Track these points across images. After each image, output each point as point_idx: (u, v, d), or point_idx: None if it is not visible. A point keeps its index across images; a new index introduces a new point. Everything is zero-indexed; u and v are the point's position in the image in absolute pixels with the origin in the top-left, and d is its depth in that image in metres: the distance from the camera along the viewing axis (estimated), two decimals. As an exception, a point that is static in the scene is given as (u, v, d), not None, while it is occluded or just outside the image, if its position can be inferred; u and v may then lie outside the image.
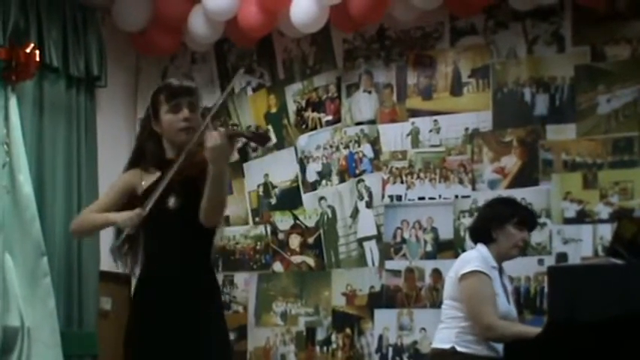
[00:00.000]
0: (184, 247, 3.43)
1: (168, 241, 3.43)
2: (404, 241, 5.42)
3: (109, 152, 5.98)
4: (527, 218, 4.16)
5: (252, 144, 3.40)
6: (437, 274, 5.26)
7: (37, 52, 5.16)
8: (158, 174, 3.41)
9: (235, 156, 5.66)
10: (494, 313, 3.85)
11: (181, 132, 3.38)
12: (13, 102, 5.17)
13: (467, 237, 5.11)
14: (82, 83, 5.74)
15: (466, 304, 3.89)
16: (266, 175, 5.89)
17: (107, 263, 5.80)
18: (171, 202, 3.38)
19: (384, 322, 5.40)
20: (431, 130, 5.43)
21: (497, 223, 4.06)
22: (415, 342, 5.29)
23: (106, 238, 5.71)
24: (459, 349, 3.87)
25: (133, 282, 6.00)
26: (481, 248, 4.06)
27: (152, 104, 3.46)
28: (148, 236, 3.48)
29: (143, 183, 3.45)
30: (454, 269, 4.03)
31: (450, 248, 5.27)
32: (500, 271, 4.08)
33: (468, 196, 5.27)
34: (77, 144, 5.67)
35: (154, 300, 3.44)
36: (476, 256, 3.99)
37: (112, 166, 6.00)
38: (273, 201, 5.86)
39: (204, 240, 3.50)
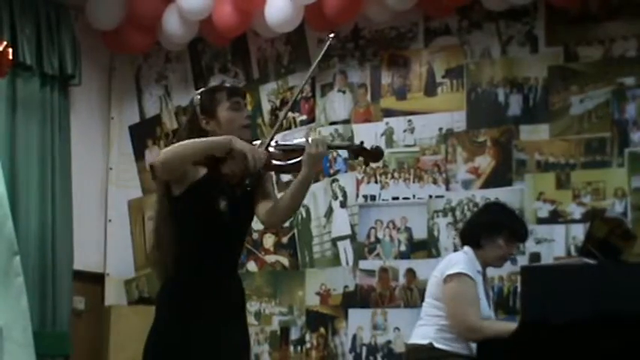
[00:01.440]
0: (234, 251, 3.45)
1: (218, 244, 3.36)
2: (378, 240, 5.43)
3: (83, 151, 5.96)
4: (518, 232, 4.14)
5: (360, 158, 3.37)
6: (411, 274, 5.28)
7: (10, 50, 5.11)
8: (204, 171, 3.33)
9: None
10: (477, 315, 3.86)
11: (244, 129, 3.39)
12: (-15, 100, 5.15)
13: (440, 237, 5.15)
14: (55, 81, 5.71)
15: (449, 305, 3.89)
16: (240, 175, 5.87)
17: (81, 262, 5.80)
18: (222, 205, 3.35)
19: (358, 321, 5.41)
20: (405, 130, 5.44)
21: (488, 232, 4.04)
22: (389, 342, 5.30)
23: (80, 236, 5.74)
24: (436, 345, 3.88)
25: (107, 281, 6.05)
26: (468, 251, 4.05)
27: (206, 103, 3.41)
28: (197, 236, 3.35)
29: (197, 175, 3.33)
30: (439, 269, 4.03)
31: (423, 248, 5.29)
32: (484, 276, 4.10)
33: (441, 196, 5.29)
34: (51, 142, 5.64)
35: (218, 309, 3.35)
36: (463, 259, 3.99)
37: (86, 165, 6.02)
38: (248, 200, 5.85)
39: (243, 246, 3.57)
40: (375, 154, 3.42)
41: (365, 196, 5.49)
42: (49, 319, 5.47)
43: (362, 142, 3.41)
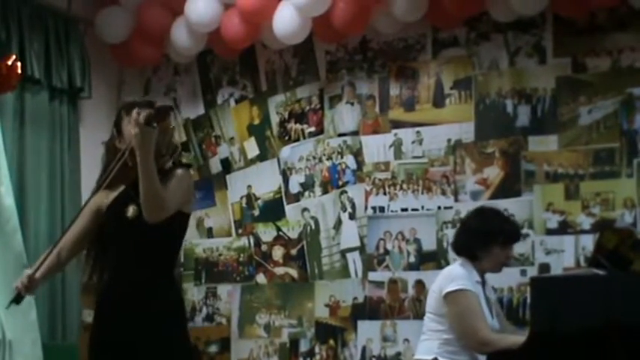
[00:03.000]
0: (143, 256, 3.44)
1: (127, 251, 3.46)
2: (387, 252, 5.42)
3: (92, 164, 5.93)
4: (512, 236, 4.12)
5: (156, 121, 3.34)
6: (420, 286, 5.27)
7: (19, 63, 5.13)
8: (122, 187, 3.47)
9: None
10: (486, 328, 3.85)
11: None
12: (-6, 113, 5.17)
13: (450, 248, 5.13)
14: (64, 95, 5.72)
15: (457, 323, 3.87)
16: (249, 187, 5.89)
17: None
18: (130, 211, 3.42)
19: (368, 333, 5.40)
20: (413, 142, 5.44)
21: (482, 243, 4.02)
22: (399, 353, 5.29)
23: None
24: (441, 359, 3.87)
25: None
26: (465, 263, 4.03)
27: (115, 122, 3.57)
28: (108, 247, 3.52)
29: (105, 201, 3.53)
30: (438, 285, 4.00)
31: (433, 259, 5.28)
32: (484, 284, 4.08)
33: (450, 207, 5.28)
34: (60, 156, 5.65)
35: (112, 313, 3.47)
36: (460, 274, 3.96)
37: (96, 179, 6.00)
38: (256, 212, 5.86)
39: (165, 249, 3.51)
40: (161, 111, 3.40)
41: (374, 208, 5.49)
42: (59, 331, 5.48)
43: (151, 104, 3.44)
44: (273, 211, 5.78)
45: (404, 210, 5.42)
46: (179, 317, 3.53)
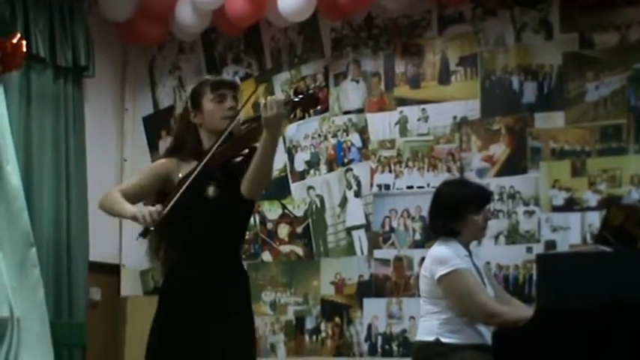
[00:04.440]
0: (221, 236, 3.48)
1: (206, 231, 3.46)
2: (392, 230, 5.42)
3: (97, 142, 5.98)
4: (482, 199, 4.04)
5: (300, 108, 3.43)
6: (426, 263, 5.26)
7: (24, 42, 5.13)
8: (195, 164, 3.42)
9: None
10: (491, 300, 3.84)
11: (224, 120, 3.48)
12: (0, 92, 5.15)
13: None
14: (69, 73, 5.72)
15: (459, 304, 3.84)
16: (254, 165, 5.88)
17: (96, 254, 5.82)
18: (211, 190, 3.41)
19: (373, 310, 5.41)
20: (419, 119, 5.43)
21: (455, 217, 3.96)
22: (404, 330, 5.30)
23: (95, 228, 5.75)
24: (443, 340, 3.85)
25: (123, 272, 6.07)
26: (447, 241, 3.97)
27: (193, 96, 3.58)
28: (184, 226, 3.47)
29: (180, 174, 3.47)
30: (427, 269, 3.95)
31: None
32: (470, 253, 4.03)
33: (456, 185, 5.27)
34: (65, 134, 5.66)
35: (185, 292, 3.45)
36: (447, 254, 3.89)
37: (101, 157, 6.03)
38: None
39: (239, 232, 3.60)
40: (310, 99, 3.45)
41: (379, 186, 5.48)
42: (65, 310, 5.50)
43: (296, 92, 3.47)
44: (278, 189, 5.77)
45: (409, 187, 5.42)
46: (248, 300, 3.56)
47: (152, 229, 3.35)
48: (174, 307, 3.47)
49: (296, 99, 3.40)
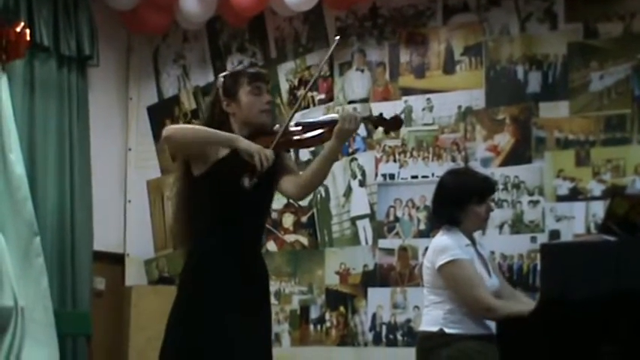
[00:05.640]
0: (256, 229, 3.53)
1: (241, 222, 3.42)
2: (397, 219, 5.42)
3: (102, 132, 5.98)
4: (486, 189, 4.03)
5: (381, 128, 3.52)
6: (430, 253, 5.26)
7: (28, 31, 5.13)
8: (227, 151, 3.39)
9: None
10: (488, 294, 3.83)
11: (263, 113, 3.49)
12: (3, 81, 5.15)
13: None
14: (73, 62, 5.72)
15: (457, 294, 3.83)
16: (259, 154, 5.87)
17: (101, 243, 5.83)
18: (247, 181, 3.37)
19: (378, 300, 5.41)
20: (424, 109, 5.42)
21: (458, 206, 3.94)
22: (409, 320, 5.30)
23: (100, 217, 5.76)
24: (447, 330, 3.84)
25: (127, 261, 6.08)
26: (449, 230, 3.96)
27: (229, 86, 3.51)
28: (217, 213, 3.41)
29: (219, 154, 3.40)
30: (429, 258, 3.94)
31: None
32: (473, 242, 4.03)
33: (461, 174, 5.26)
34: (69, 123, 5.66)
35: (233, 278, 3.38)
36: (448, 243, 3.88)
37: (105, 145, 6.03)
38: (266, 180, 5.85)
39: (265, 223, 3.68)
40: (395, 122, 3.55)
41: (384, 175, 5.48)
42: (69, 299, 5.51)
43: (381, 113, 3.58)
44: (283, 178, 5.77)
45: (414, 177, 5.41)
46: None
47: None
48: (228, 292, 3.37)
49: (380, 118, 3.54)
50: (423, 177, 5.39)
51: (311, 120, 3.55)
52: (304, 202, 5.70)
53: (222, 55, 6.06)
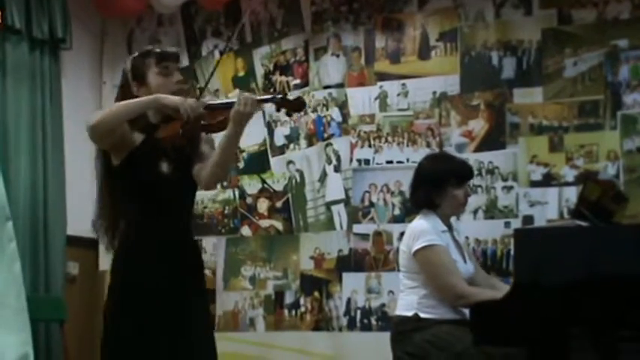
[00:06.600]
0: (181, 212, 3.44)
1: (166, 207, 3.37)
2: (372, 204, 5.43)
3: (75, 116, 5.92)
4: (463, 173, 4.04)
5: (283, 110, 3.35)
6: (404, 238, 5.28)
7: (-1, 13, 5.09)
8: (142, 137, 3.35)
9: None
10: (461, 281, 3.84)
11: (175, 95, 3.34)
12: (-25, 65, 5.12)
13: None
14: (45, 45, 5.66)
15: (431, 280, 3.85)
16: (234, 139, 5.85)
17: (74, 228, 5.79)
18: (165, 167, 3.35)
19: (353, 285, 5.42)
20: (399, 94, 5.43)
21: (436, 190, 3.96)
22: (383, 305, 5.31)
23: (73, 202, 5.72)
24: (422, 315, 3.85)
25: (101, 246, 6.03)
26: (427, 215, 3.98)
27: (135, 68, 3.41)
28: (140, 201, 3.38)
29: (136, 140, 3.35)
30: (405, 243, 3.96)
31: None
32: (450, 228, 4.04)
33: (435, 160, 5.27)
34: (42, 107, 5.61)
35: (158, 265, 3.33)
36: (425, 228, 3.90)
37: (78, 130, 5.95)
38: (241, 165, 5.84)
39: (192, 207, 3.58)
40: (297, 104, 3.35)
41: (359, 160, 5.48)
42: (43, 284, 5.47)
43: (285, 94, 3.40)
44: (258, 163, 5.77)
45: (389, 162, 5.42)
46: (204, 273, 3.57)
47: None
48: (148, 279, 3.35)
49: (283, 99, 3.30)
50: (398, 162, 5.39)
51: (218, 102, 3.41)
52: (279, 187, 5.70)
53: (198, 40, 6.03)
